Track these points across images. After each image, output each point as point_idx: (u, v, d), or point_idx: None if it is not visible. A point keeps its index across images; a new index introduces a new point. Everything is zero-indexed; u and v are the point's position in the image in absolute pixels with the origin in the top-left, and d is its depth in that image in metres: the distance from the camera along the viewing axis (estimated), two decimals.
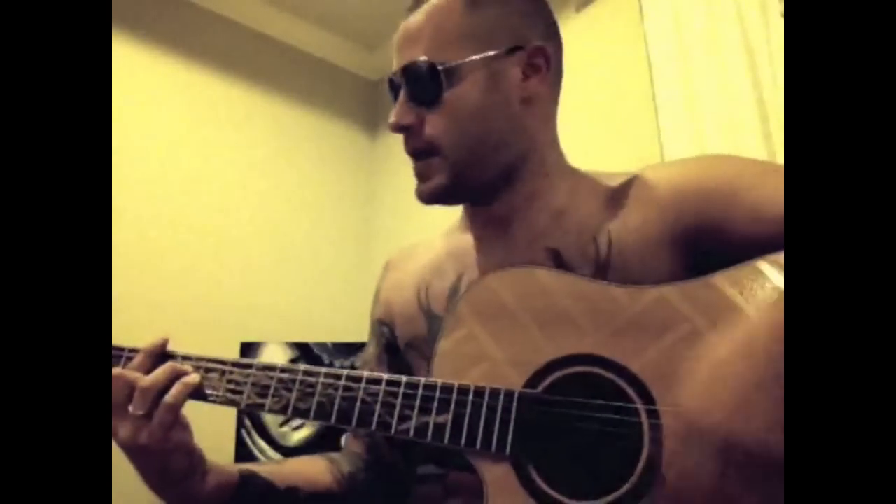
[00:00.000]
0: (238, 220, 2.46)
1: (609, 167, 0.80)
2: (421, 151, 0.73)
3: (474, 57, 0.71)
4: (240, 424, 2.01)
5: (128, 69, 2.25)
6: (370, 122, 3.03)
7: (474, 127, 0.71)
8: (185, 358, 0.70)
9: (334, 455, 0.84)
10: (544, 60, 0.74)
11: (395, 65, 0.74)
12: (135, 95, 2.27)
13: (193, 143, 2.42)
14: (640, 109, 1.86)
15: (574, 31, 2.09)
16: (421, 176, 0.74)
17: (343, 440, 0.94)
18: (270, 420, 2.02)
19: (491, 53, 0.71)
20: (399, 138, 0.74)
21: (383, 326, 0.85)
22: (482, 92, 0.71)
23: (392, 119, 0.72)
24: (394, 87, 0.75)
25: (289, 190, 2.66)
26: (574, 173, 0.79)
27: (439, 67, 0.70)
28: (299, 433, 2.02)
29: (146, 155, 2.26)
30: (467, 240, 0.80)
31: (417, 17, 0.73)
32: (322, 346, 2.21)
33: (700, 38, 1.70)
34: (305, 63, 2.86)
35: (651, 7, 1.84)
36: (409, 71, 0.72)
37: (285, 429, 2.02)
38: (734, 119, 1.59)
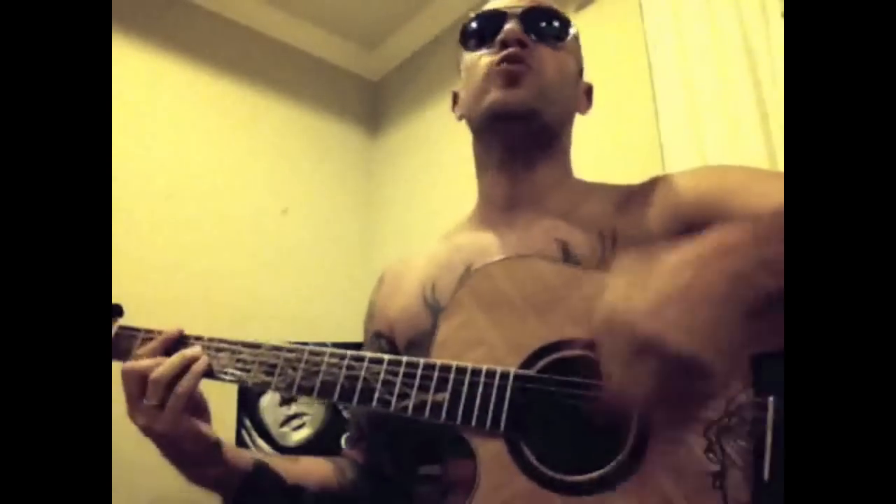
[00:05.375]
0: (238, 220, 2.46)
1: (609, 167, 0.83)
2: (522, 59, 0.77)
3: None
4: (240, 424, 2.00)
5: (128, 69, 2.25)
6: (370, 122, 3.02)
7: (564, 80, 0.82)
8: (198, 339, 0.74)
9: (339, 460, 0.86)
10: (588, 99, 0.89)
11: (509, 2, 0.81)
12: (135, 95, 2.27)
13: (193, 144, 2.42)
14: (641, 110, 1.85)
15: None
16: (512, 79, 0.76)
17: (343, 441, 0.94)
18: (270, 420, 2.02)
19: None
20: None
21: (381, 339, 0.87)
22: (573, 69, 0.84)
23: (510, 26, 0.77)
24: (493, 17, 0.80)
25: (289, 190, 2.65)
26: (586, 182, 0.85)
27: (571, 21, 0.82)
28: (299, 433, 2.01)
29: (146, 155, 2.26)
30: (477, 234, 0.83)
31: None
32: (322, 346, 2.20)
33: (700, 38, 1.70)
34: (306, 63, 2.85)
35: (651, 7, 1.84)
36: (544, 10, 0.81)
37: (285, 429, 2.02)
38: (734, 119, 1.59)
